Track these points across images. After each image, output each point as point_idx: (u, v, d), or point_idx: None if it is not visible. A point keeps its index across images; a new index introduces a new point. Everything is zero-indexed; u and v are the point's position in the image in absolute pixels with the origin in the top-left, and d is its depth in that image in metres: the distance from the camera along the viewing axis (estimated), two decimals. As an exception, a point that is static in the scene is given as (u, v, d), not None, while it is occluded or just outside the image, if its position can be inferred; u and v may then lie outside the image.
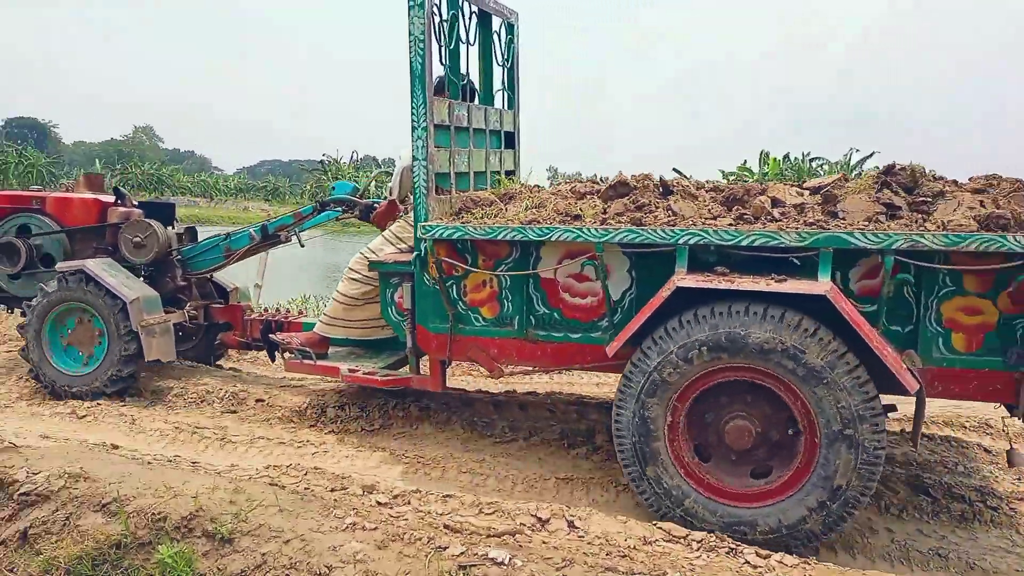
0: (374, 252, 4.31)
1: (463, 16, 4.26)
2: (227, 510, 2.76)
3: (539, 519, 2.96)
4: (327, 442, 4.08)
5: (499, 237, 3.38)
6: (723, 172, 33.56)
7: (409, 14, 3.60)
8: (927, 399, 2.98)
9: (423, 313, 3.75)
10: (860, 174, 5.43)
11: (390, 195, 4.66)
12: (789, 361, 2.86)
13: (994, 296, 2.94)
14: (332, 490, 3.26)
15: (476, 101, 4.62)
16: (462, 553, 2.60)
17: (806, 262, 2.96)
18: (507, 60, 4.88)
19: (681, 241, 3.05)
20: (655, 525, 2.95)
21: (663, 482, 3.11)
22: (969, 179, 3.35)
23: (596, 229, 3.21)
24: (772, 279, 2.93)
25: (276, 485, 3.11)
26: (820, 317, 2.85)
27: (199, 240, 5.42)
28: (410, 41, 3.62)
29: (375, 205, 4.86)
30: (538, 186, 4.36)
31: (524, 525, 2.90)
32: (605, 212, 3.39)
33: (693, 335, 2.97)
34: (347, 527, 2.73)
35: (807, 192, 3.41)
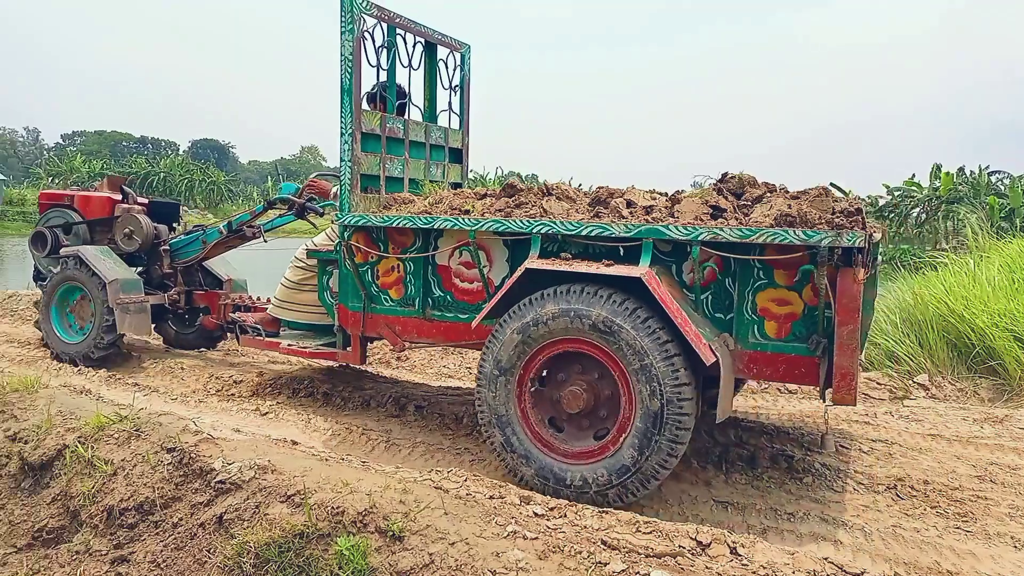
0: (315, 244, 4.92)
1: (406, 44, 4.92)
2: (397, 509, 2.91)
3: (699, 543, 2.89)
4: (484, 450, 4.20)
5: (392, 224, 4.05)
6: (887, 187, 31.31)
7: (341, 37, 4.20)
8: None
9: (344, 294, 4.37)
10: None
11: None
12: (611, 335, 3.32)
13: (800, 289, 3.32)
14: (491, 497, 3.35)
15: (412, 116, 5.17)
16: (623, 571, 2.59)
17: (635, 251, 3.42)
18: (458, 86, 5.46)
19: (535, 230, 3.58)
20: (826, 560, 2.80)
21: (515, 446, 3.58)
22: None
23: (468, 219, 3.81)
24: (603, 263, 3.45)
25: (440, 489, 3.24)
26: (643, 298, 3.30)
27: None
28: (341, 60, 4.22)
29: (308, 204, 5.57)
30: (459, 191, 4.80)
31: (684, 548, 2.84)
32: (490, 208, 3.94)
33: (539, 311, 3.44)
34: (508, 535, 2.79)
35: (662, 198, 3.85)
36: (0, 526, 3.40)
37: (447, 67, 5.42)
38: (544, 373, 3.64)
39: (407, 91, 5.08)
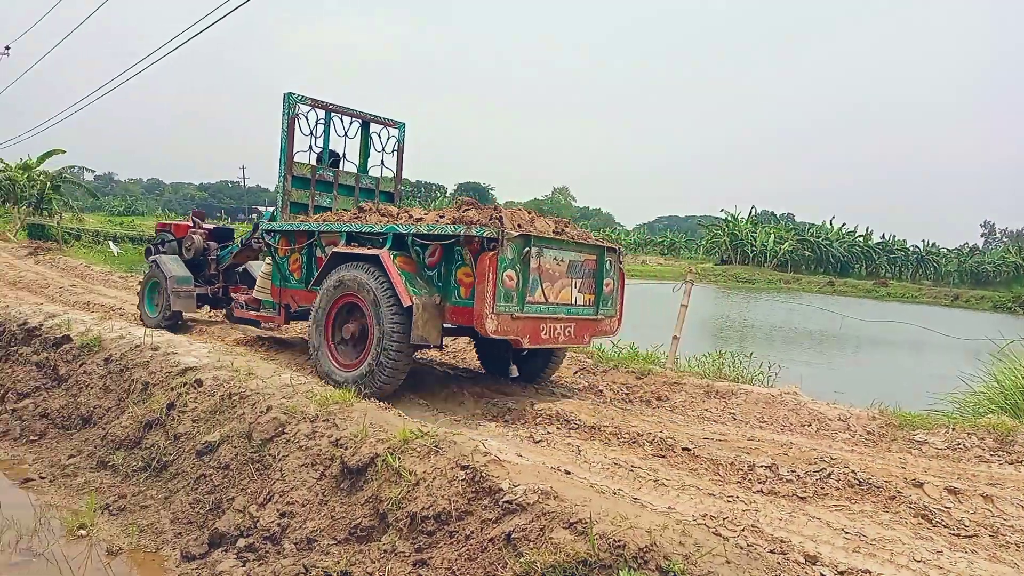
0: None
1: (342, 122, 7.66)
2: (677, 550, 2.91)
3: None
4: (757, 501, 4.04)
5: (280, 228, 6.91)
6: None
7: (281, 116, 6.99)
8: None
9: (275, 277, 7.12)
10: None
11: None
12: (365, 291, 5.56)
13: (473, 265, 5.31)
14: (772, 552, 3.22)
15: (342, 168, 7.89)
16: None
17: (392, 240, 5.69)
18: (394, 151, 8.14)
19: (344, 230, 6.09)
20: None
21: (320, 360, 5.96)
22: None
23: (310, 223, 6.63)
24: (367, 248, 5.84)
25: (718, 535, 3.18)
26: (384, 269, 5.52)
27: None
28: (281, 131, 7.00)
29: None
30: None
31: None
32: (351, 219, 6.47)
33: (335, 277, 5.85)
34: (796, 594, 2.66)
35: (429, 213, 6.24)
36: (324, 520, 3.95)
37: (381, 138, 8.09)
38: (336, 316, 5.99)
39: (341, 153, 7.83)
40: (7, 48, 34.61)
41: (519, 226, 5.58)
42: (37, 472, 5.25)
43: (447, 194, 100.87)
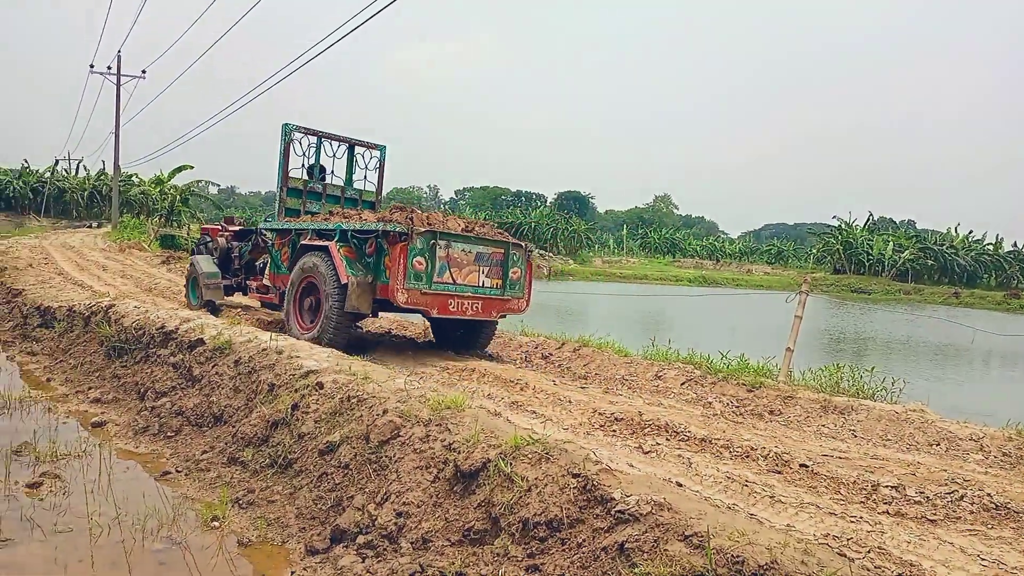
0: None
1: (331, 145, 9.95)
2: (799, 569, 2.82)
3: None
4: (882, 523, 3.85)
5: (270, 228, 9.44)
6: None
7: (280, 139, 9.17)
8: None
9: (272, 266, 9.22)
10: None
11: None
12: (319, 273, 7.69)
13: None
14: (900, 575, 3.06)
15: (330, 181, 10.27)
16: None
17: (341, 235, 7.89)
18: (376, 168, 10.42)
19: (310, 228, 8.34)
20: None
21: (290, 325, 8.21)
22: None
23: (290, 222, 8.95)
24: (326, 242, 7.85)
25: (843, 556, 3.06)
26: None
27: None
28: (279, 152, 9.19)
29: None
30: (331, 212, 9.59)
31: None
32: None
33: (301, 263, 8.09)
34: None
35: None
36: (438, 521, 4.06)
37: (365, 158, 10.53)
38: (301, 292, 8.30)
39: (329, 169, 10.25)
40: (143, 72, 37.56)
41: (429, 224, 7.61)
42: (174, 466, 5.65)
43: (547, 203, 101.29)
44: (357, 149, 10.42)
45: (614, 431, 5.42)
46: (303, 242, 8.43)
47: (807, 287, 7.62)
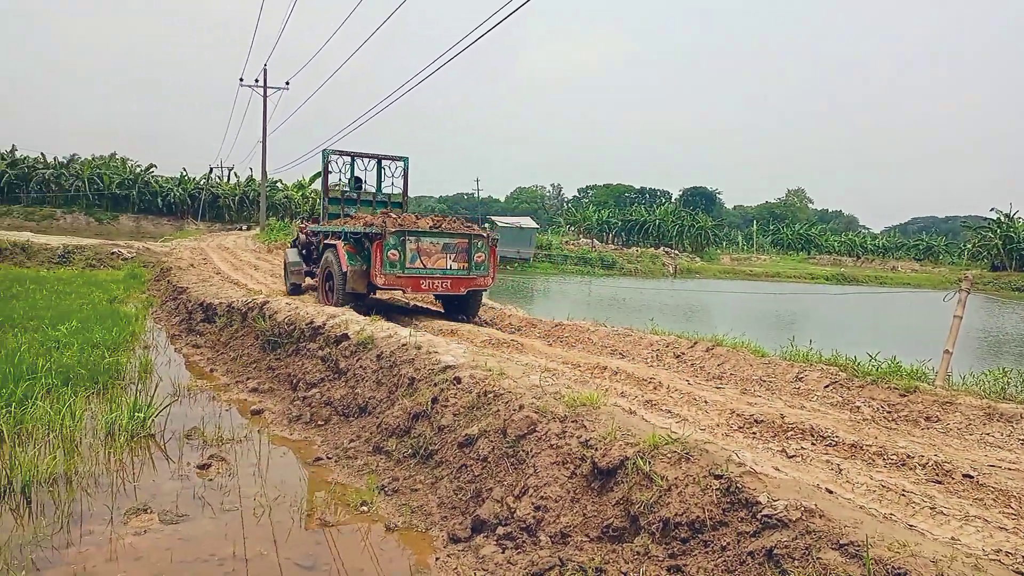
0: None
1: (362, 162, 13.30)
2: (971, 586, 2.64)
3: None
4: (1063, 541, 3.51)
5: (313, 230, 13.07)
6: None
7: (321, 162, 12.71)
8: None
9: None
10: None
11: None
12: (332, 262, 10.86)
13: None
14: (1089, 601, 2.79)
15: (364, 188, 13.39)
16: None
17: (345, 236, 10.81)
18: (401, 176, 13.18)
19: (331, 230, 11.39)
20: None
21: (320, 299, 11.41)
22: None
23: (321, 227, 12.48)
24: (336, 240, 10.93)
25: (1020, 574, 2.83)
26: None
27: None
28: (322, 171, 12.91)
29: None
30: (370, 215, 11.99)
31: None
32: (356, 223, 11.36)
33: (324, 256, 11.35)
34: None
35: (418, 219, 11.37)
36: (576, 516, 4.10)
37: (390, 169, 13.31)
38: (324, 276, 11.26)
39: (363, 180, 13.30)
40: (287, 84, 40.03)
41: (400, 225, 10.17)
42: (324, 453, 6.02)
43: (671, 199, 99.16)
44: (384, 162, 13.35)
45: (754, 433, 5.25)
46: (325, 241, 11.57)
47: (968, 284, 7.05)
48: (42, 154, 59.85)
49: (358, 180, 13.30)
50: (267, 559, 4.16)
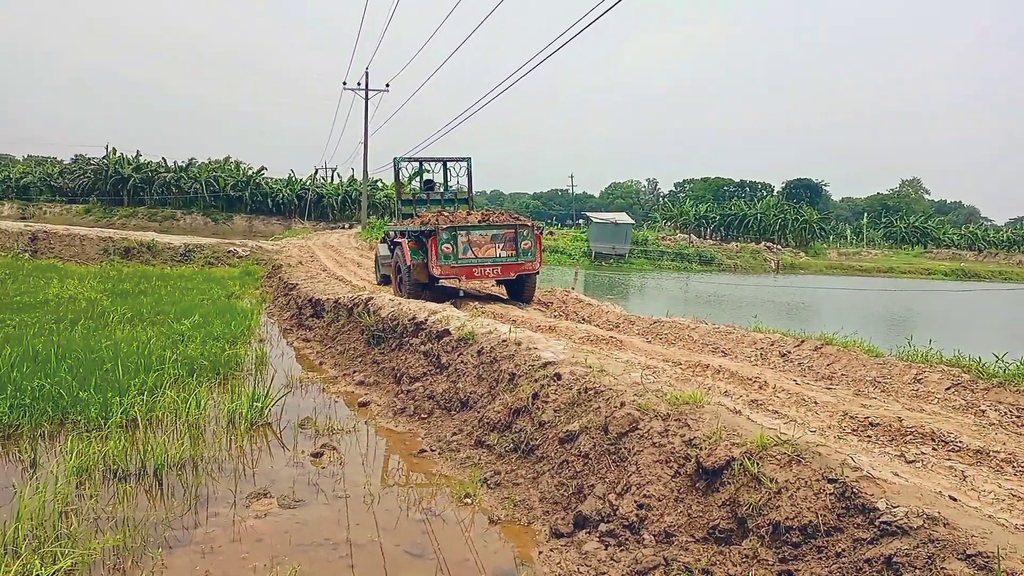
0: None
1: (430, 166, 14.87)
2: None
3: None
4: None
5: (389, 230, 14.56)
6: None
7: (393, 168, 14.03)
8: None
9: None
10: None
11: None
12: (398, 257, 12.34)
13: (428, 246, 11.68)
14: None
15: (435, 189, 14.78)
16: None
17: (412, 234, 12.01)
18: (466, 175, 14.25)
19: (398, 230, 12.90)
20: None
21: (393, 289, 12.63)
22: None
23: (392, 227, 14.46)
24: (401, 239, 12.34)
25: None
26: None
27: None
28: (394, 178, 14.41)
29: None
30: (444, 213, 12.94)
31: None
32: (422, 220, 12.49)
33: (393, 252, 13.02)
34: None
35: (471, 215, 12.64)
36: (681, 516, 4.05)
37: (455, 169, 14.46)
38: (395, 268, 12.69)
39: (433, 181, 14.71)
40: (387, 86, 41.21)
41: (451, 222, 11.30)
42: (428, 445, 6.19)
43: (773, 192, 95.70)
44: (449, 164, 14.55)
45: (869, 437, 5.02)
46: (394, 239, 13.06)
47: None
48: (163, 159, 64.19)
49: (428, 182, 14.73)
50: (378, 545, 4.32)
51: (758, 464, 3.85)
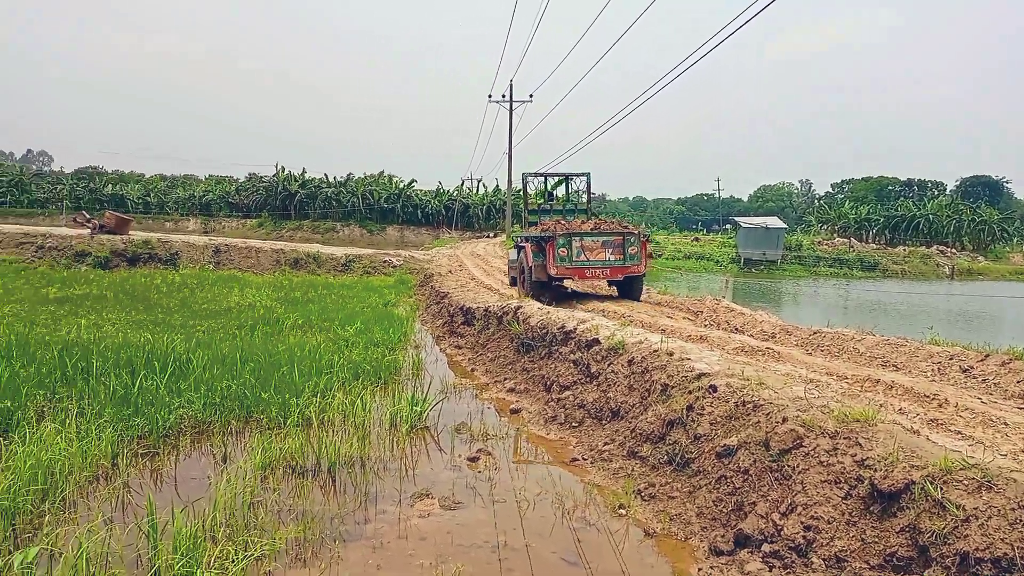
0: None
1: (552, 179, 17.90)
2: None
3: None
4: None
5: (517, 236, 17.02)
6: None
7: (521, 181, 17.72)
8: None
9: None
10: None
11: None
12: (522, 260, 14.37)
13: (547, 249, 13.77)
14: None
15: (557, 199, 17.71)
16: None
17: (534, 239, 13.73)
18: (586, 189, 16.92)
19: (523, 236, 14.69)
20: None
21: (519, 290, 14.91)
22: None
23: (519, 233, 17.45)
24: (525, 243, 14.40)
25: None
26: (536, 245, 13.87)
27: None
28: (522, 191, 17.54)
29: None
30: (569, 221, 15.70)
31: None
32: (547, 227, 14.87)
33: (519, 255, 15.07)
34: None
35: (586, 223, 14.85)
36: (853, 541, 3.82)
37: (575, 182, 17.17)
38: (520, 271, 15.06)
39: (554, 193, 17.53)
40: (531, 96, 41.90)
41: (567, 229, 13.03)
42: (580, 454, 6.23)
43: (945, 191, 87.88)
44: (571, 178, 17.03)
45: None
46: (519, 244, 14.80)
47: None
48: (325, 175, 68.72)
49: (550, 195, 17.31)
50: (534, 551, 4.41)
51: (942, 489, 3.57)
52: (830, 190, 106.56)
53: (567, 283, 15.40)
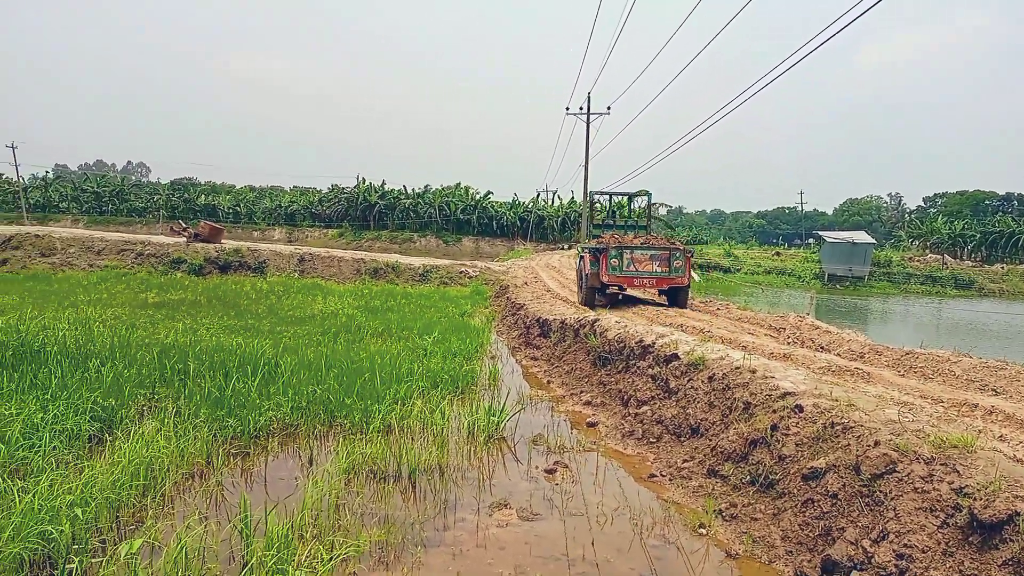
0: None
1: (617, 196, 20.15)
2: None
3: None
4: None
5: (582, 247, 17.33)
6: None
7: (588, 200, 27.07)
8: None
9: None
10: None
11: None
12: (582, 268, 15.96)
13: (600, 259, 15.09)
14: None
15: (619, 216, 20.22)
16: None
17: (593, 250, 15.06)
18: (646, 207, 19.17)
19: (586, 247, 15.73)
20: None
21: (577, 294, 17.63)
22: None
23: (582, 245, 18.29)
24: (584, 254, 15.99)
25: None
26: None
27: None
28: (589, 204, 24.06)
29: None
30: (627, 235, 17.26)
31: None
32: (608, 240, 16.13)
33: (579, 265, 17.01)
34: None
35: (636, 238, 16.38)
36: (951, 572, 3.64)
37: (637, 200, 26.02)
38: (579, 279, 17.15)
39: (616, 211, 19.81)
40: (608, 109, 41.76)
41: (619, 243, 14.68)
42: (658, 470, 6.16)
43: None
44: (633, 197, 19.55)
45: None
46: (581, 253, 16.05)
47: None
48: (403, 186, 70.23)
49: (613, 212, 19.22)
50: (612, 566, 4.39)
51: (1050, 523, 3.37)
52: (922, 204, 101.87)
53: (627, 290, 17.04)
